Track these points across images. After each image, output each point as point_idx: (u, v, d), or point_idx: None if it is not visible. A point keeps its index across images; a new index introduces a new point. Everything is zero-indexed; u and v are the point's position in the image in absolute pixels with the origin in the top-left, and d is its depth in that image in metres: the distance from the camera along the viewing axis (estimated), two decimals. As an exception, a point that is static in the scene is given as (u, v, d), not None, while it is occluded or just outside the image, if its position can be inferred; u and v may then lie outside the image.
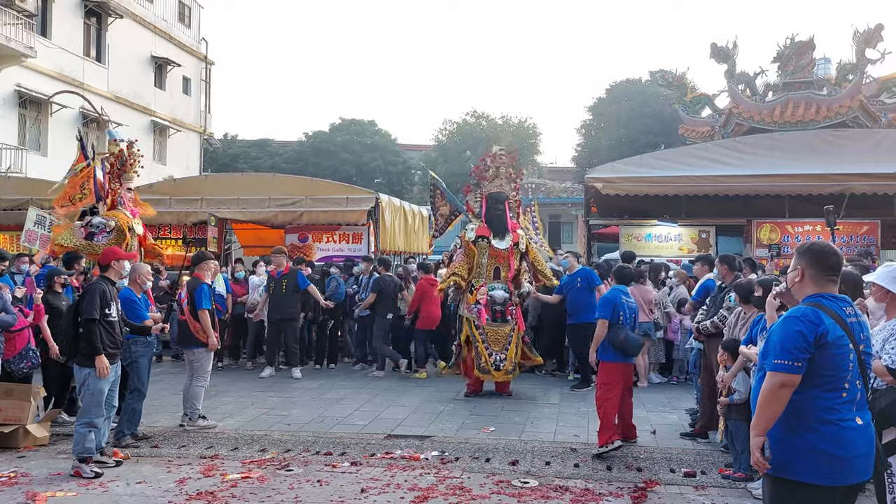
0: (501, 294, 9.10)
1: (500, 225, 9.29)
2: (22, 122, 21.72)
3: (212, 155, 36.98)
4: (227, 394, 9.43)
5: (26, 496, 5.39)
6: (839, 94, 17.64)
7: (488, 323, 9.02)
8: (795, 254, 3.34)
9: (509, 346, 9.01)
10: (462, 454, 6.61)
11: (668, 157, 13.28)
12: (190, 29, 31.25)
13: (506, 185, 9.59)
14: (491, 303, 9.06)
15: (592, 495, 5.50)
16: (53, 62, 22.22)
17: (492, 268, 9.24)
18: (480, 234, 9.30)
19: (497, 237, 9.26)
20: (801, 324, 3.06)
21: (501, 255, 9.24)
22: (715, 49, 19.21)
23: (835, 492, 3.07)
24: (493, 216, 9.33)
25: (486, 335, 9.03)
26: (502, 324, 9.07)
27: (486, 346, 8.99)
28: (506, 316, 9.08)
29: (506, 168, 9.64)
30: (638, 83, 37.76)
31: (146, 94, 27.45)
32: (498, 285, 9.16)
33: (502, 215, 9.32)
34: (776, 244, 12.26)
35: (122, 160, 8.94)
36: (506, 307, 9.09)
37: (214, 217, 13.68)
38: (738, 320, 6.33)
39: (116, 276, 6.34)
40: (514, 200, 9.76)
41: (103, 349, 6.04)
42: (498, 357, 8.93)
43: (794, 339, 3.04)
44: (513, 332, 9.10)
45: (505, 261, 9.24)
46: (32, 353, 7.14)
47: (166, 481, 5.79)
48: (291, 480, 5.83)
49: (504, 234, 9.28)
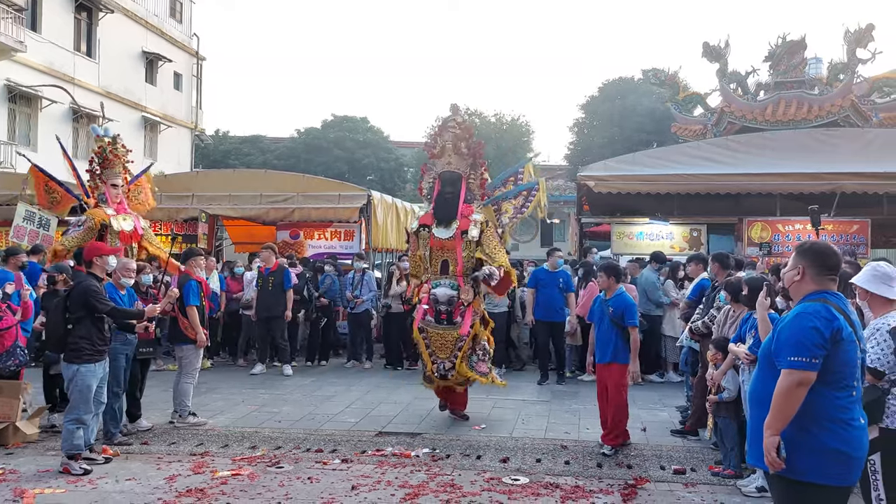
0: (445, 292, 7.62)
1: (446, 211, 7.76)
2: (11, 116, 21.57)
3: (203, 151, 36.81)
4: (217, 391, 9.39)
5: (14, 493, 5.36)
6: (830, 94, 17.72)
7: (432, 325, 7.63)
8: (795, 253, 3.31)
9: (458, 352, 7.51)
10: (453, 451, 6.61)
11: (660, 156, 13.30)
12: (181, 24, 31.07)
13: (459, 162, 7.93)
14: (434, 302, 7.67)
15: (583, 492, 5.51)
16: (43, 57, 22.06)
17: (438, 261, 7.76)
18: (423, 222, 7.92)
19: (441, 225, 7.74)
20: (816, 320, 3.01)
21: (447, 245, 7.71)
22: (707, 48, 19.28)
23: (843, 492, 3.04)
24: (442, 200, 7.83)
25: (430, 339, 7.63)
26: (448, 326, 7.59)
27: (431, 352, 7.62)
28: (453, 317, 7.62)
29: (456, 142, 7.93)
30: (630, 81, 37.76)
31: (137, 89, 27.29)
32: (443, 281, 7.69)
33: (452, 199, 7.78)
34: (767, 243, 12.29)
35: (101, 157, 8.89)
36: (453, 307, 7.62)
37: (205, 213, 13.61)
38: (727, 318, 6.36)
39: (101, 271, 6.28)
40: (477, 179, 8.09)
41: (93, 347, 6.02)
42: (443, 365, 7.51)
43: (810, 336, 2.98)
44: (463, 336, 7.55)
45: (451, 252, 7.69)
46: (20, 350, 7.09)
47: (156, 478, 5.77)
48: (282, 478, 5.82)
49: (450, 222, 7.71)
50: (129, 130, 25.07)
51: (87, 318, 6.01)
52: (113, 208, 8.85)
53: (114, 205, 8.87)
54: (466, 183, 7.92)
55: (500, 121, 40.59)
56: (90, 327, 6.03)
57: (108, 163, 8.97)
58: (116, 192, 8.92)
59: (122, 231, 8.75)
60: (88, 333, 6.02)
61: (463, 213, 7.75)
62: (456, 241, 7.65)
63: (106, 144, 8.94)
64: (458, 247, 7.65)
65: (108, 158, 8.93)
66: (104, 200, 8.90)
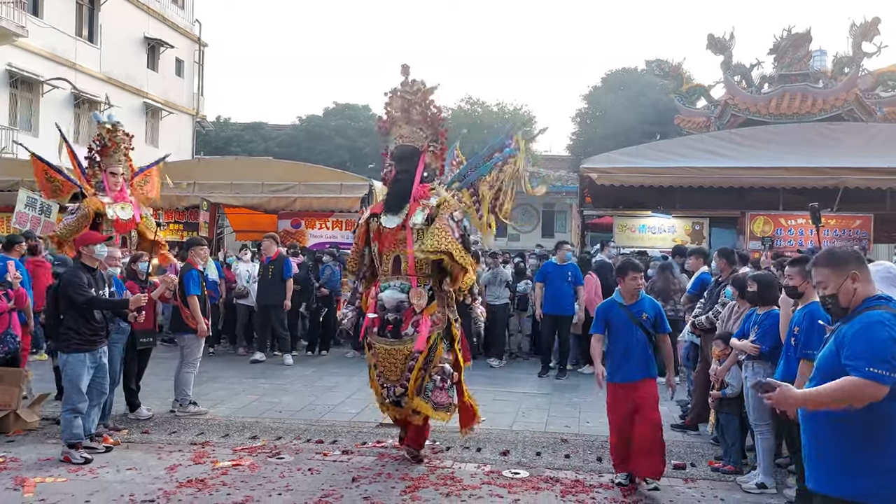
0: (393, 296, 6.01)
1: (397, 194, 6.24)
2: (13, 102, 21.50)
3: (204, 138, 36.71)
4: (218, 380, 9.40)
5: (15, 482, 5.36)
6: (835, 87, 17.68)
7: (377, 339, 6.07)
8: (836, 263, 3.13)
9: (410, 373, 5.86)
10: (453, 444, 6.61)
11: (663, 148, 13.30)
12: (183, 10, 30.92)
13: (412, 133, 6.38)
14: (380, 309, 6.06)
15: (583, 486, 5.51)
16: (45, 42, 21.97)
17: (390, 258, 6.17)
18: (374, 211, 6.44)
19: (389, 212, 6.21)
20: (892, 329, 2.86)
21: (398, 237, 6.15)
22: (712, 40, 19.21)
23: None
24: (394, 182, 6.35)
25: (379, 357, 6.04)
26: (395, 341, 5.95)
27: (379, 373, 6.06)
28: (399, 329, 5.96)
29: (406, 108, 6.38)
30: (634, 72, 37.61)
31: (139, 75, 27.19)
32: (393, 283, 6.08)
33: (406, 179, 6.24)
34: (769, 237, 12.29)
35: (100, 144, 8.84)
36: (402, 314, 5.98)
37: (207, 201, 13.60)
38: (731, 314, 6.34)
39: (89, 260, 6.25)
40: (435, 150, 6.45)
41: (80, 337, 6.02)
42: (393, 390, 5.93)
43: (890, 347, 2.82)
44: (416, 354, 5.88)
45: (403, 246, 6.13)
46: (11, 337, 7.08)
47: (157, 468, 5.77)
48: (282, 468, 5.82)
49: (399, 207, 6.17)
50: (131, 116, 25.00)
51: (72, 308, 6.03)
52: (111, 196, 8.80)
53: (112, 193, 8.81)
54: (425, 159, 6.38)
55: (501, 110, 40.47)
56: (77, 317, 6.03)
57: (106, 150, 8.92)
58: (115, 179, 8.86)
59: (116, 219, 8.69)
60: (75, 323, 6.03)
61: (416, 195, 6.20)
62: (407, 230, 6.12)
63: (105, 132, 8.89)
64: (409, 238, 6.10)
65: (107, 146, 8.89)
66: (102, 188, 8.86)
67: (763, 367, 5.48)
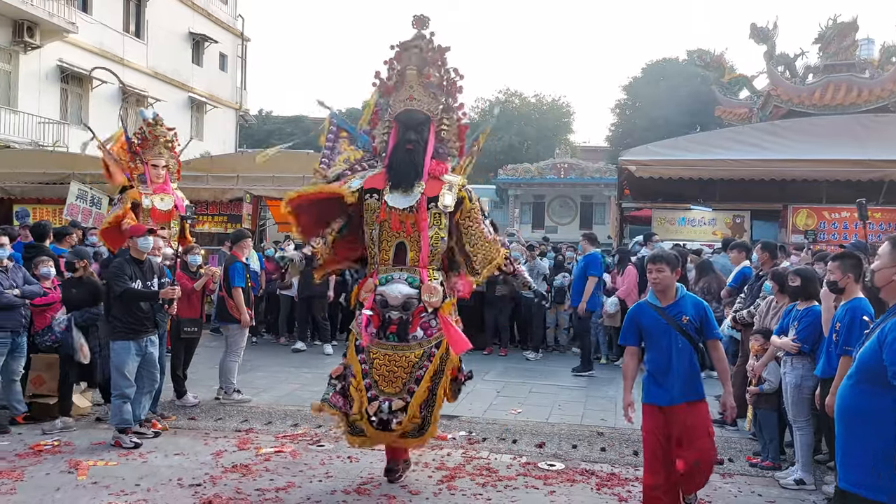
0: (400, 290, 5.12)
1: (407, 168, 5.23)
2: (64, 96, 22.14)
3: (247, 131, 37.31)
4: (261, 369, 9.63)
5: (69, 464, 5.59)
6: (882, 77, 17.24)
7: (375, 342, 5.16)
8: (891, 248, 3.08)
9: (416, 387, 5.07)
10: (489, 435, 6.70)
11: (703, 140, 13.17)
12: (226, 5, 31.40)
13: (426, 98, 5.41)
14: (381, 306, 5.15)
15: (618, 480, 5.54)
16: (94, 38, 22.55)
17: (391, 245, 5.25)
18: (371, 185, 5.31)
19: (397, 189, 5.22)
20: None
21: (406, 220, 5.19)
22: (754, 29, 18.88)
23: None
24: (400, 154, 5.29)
25: (371, 363, 5.14)
26: (401, 345, 5.12)
27: (369, 383, 5.12)
28: (407, 332, 5.11)
29: (422, 67, 5.40)
30: (675, 63, 37.15)
31: (184, 70, 27.73)
32: (397, 275, 5.19)
33: (416, 151, 5.26)
34: (812, 230, 12.10)
35: (140, 137, 9.06)
36: (410, 314, 5.13)
37: (249, 194, 13.85)
38: (769, 309, 6.31)
39: (135, 252, 6.46)
40: (453, 126, 5.53)
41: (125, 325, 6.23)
42: (385, 406, 5.05)
43: None
44: (424, 361, 5.10)
45: (412, 231, 5.20)
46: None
47: (203, 453, 5.97)
48: (322, 456, 5.97)
49: (411, 184, 5.21)
50: (176, 110, 25.57)
51: (116, 298, 6.26)
52: (151, 188, 9.02)
53: (153, 185, 9.03)
54: (437, 131, 5.45)
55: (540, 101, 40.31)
56: (121, 306, 6.25)
57: (146, 143, 9.15)
58: (157, 171, 9.05)
59: (153, 209, 8.90)
60: (120, 312, 6.26)
61: (432, 171, 5.33)
62: (420, 213, 5.18)
63: (146, 125, 9.12)
64: (423, 222, 5.19)
65: (147, 139, 9.12)
66: (143, 180, 9.09)
67: (802, 362, 5.46)
